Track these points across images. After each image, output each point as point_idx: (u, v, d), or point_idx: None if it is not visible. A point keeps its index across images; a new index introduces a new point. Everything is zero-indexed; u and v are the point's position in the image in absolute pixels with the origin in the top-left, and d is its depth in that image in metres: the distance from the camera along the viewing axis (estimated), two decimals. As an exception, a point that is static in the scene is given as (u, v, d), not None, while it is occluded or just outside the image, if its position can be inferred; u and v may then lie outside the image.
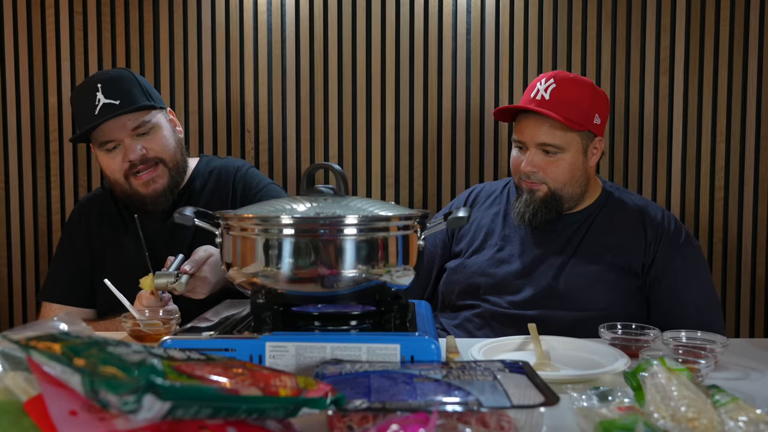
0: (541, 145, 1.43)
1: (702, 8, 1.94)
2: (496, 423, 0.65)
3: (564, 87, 1.43)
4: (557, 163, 1.43)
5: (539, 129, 1.42)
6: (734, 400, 0.72)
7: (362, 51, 1.99)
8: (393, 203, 1.06)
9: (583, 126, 1.42)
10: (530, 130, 1.43)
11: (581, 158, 1.45)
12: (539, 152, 1.43)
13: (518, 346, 1.09)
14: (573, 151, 1.43)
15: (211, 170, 1.63)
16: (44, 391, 0.56)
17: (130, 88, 1.47)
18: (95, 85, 1.45)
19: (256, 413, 0.58)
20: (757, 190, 1.97)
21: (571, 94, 1.42)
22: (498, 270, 1.48)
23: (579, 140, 1.44)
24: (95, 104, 1.43)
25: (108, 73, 1.51)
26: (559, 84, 1.43)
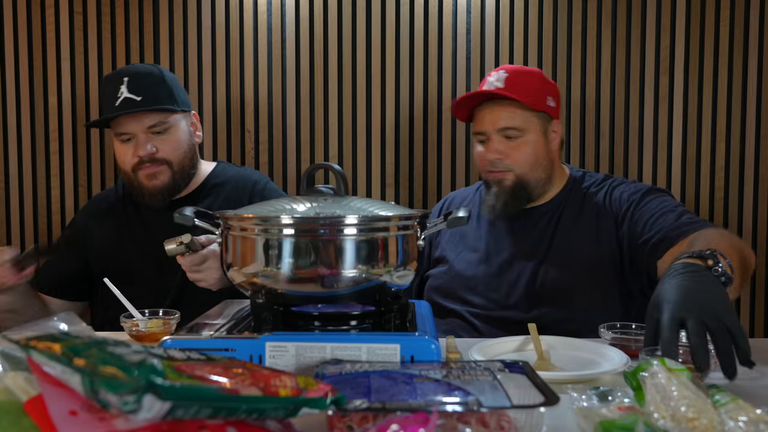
0: (502, 131, 1.45)
1: (702, 8, 1.94)
2: (496, 423, 0.65)
3: (515, 75, 1.47)
4: (520, 147, 1.45)
5: (498, 115, 1.45)
6: (734, 400, 0.72)
7: (362, 51, 1.99)
8: (393, 203, 1.06)
9: (538, 106, 1.45)
10: (489, 117, 1.46)
11: (542, 140, 1.48)
12: (501, 138, 1.45)
13: (518, 346, 1.09)
14: (534, 132, 1.46)
15: (227, 178, 1.65)
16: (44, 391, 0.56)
17: (155, 86, 1.50)
18: (122, 78, 1.49)
19: (256, 413, 0.58)
20: (757, 190, 1.97)
21: (522, 79, 1.46)
22: (477, 271, 1.49)
23: (537, 121, 1.46)
24: (117, 96, 1.47)
25: (137, 67, 1.55)
26: (510, 73, 1.47)
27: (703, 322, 0.83)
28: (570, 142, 1.99)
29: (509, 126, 1.44)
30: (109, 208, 1.64)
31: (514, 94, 1.42)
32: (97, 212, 1.64)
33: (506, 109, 1.44)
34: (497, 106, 1.45)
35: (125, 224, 1.61)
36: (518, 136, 1.45)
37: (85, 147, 2.01)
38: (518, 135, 1.45)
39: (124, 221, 1.61)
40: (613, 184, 1.50)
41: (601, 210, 1.46)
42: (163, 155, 1.50)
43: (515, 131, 1.44)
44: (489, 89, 1.45)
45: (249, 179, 1.67)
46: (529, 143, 1.45)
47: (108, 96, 1.49)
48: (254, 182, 1.65)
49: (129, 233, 1.60)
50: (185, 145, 1.55)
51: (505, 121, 1.44)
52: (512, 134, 1.44)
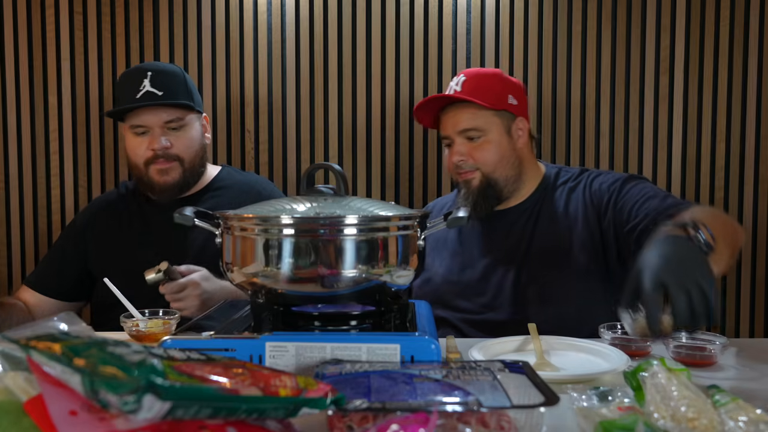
0: (464, 132, 1.47)
1: (702, 8, 1.94)
2: (496, 423, 0.65)
3: (473, 78, 1.49)
4: (483, 146, 1.47)
5: (458, 118, 1.48)
6: (734, 400, 0.72)
7: (362, 51, 1.99)
8: (393, 203, 1.06)
9: (498, 105, 1.47)
10: (450, 121, 1.49)
11: (506, 138, 1.49)
12: (464, 140, 1.48)
13: (518, 346, 1.09)
14: (495, 131, 1.48)
15: (233, 182, 1.68)
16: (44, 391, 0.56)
17: (176, 84, 1.55)
18: (145, 72, 1.53)
19: (256, 413, 0.58)
20: (757, 190, 1.97)
21: (481, 82, 1.48)
22: (462, 276, 1.49)
23: (499, 121, 1.48)
24: (139, 89, 1.51)
25: (159, 65, 1.60)
26: (468, 77, 1.49)
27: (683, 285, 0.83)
28: (570, 142, 1.98)
29: (469, 127, 1.47)
30: (110, 209, 1.65)
31: (470, 97, 1.45)
32: (98, 213, 1.65)
33: (466, 112, 1.47)
34: (457, 110, 1.49)
35: (126, 225, 1.61)
36: (480, 136, 1.47)
37: (85, 147, 2.01)
38: (479, 135, 1.47)
39: (126, 222, 1.62)
40: (591, 176, 1.51)
41: (581, 204, 1.46)
42: (176, 151, 1.54)
43: (476, 132, 1.47)
44: (447, 94, 1.49)
45: (254, 186, 1.69)
46: (491, 142, 1.47)
47: (129, 88, 1.53)
48: (258, 191, 1.67)
49: (129, 234, 1.60)
50: (197, 144, 1.59)
51: (465, 123, 1.47)
52: (474, 135, 1.47)
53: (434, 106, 1.53)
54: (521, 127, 1.51)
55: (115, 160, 2.02)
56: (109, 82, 2.00)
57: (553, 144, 1.99)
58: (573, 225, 1.45)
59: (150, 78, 1.52)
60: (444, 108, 1.52)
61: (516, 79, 1.57)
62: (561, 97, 1.98)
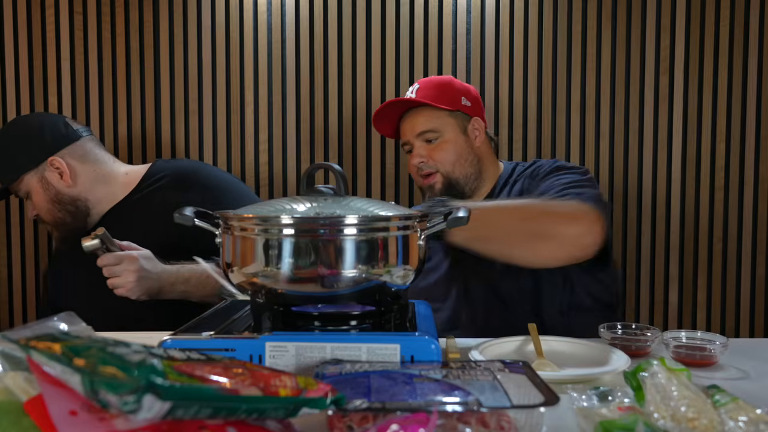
0: (421, 135, 1.53)
1: (702, 8, 1.94)
2: (496, 423, 0.65)
3: (427, 85, 1.57)
4: (440, 146, 1.53)
5: (414, 121, 1.54)
6: (734, 400, 0.72)
7: (362, 51, 1.99)
8: (393, 203, 1.06)
9: (452, 106, 1.53)
10: (407, 126, 1.56)
11: (462, 138, 1.54)
12: (422, 143, 1.54)
13: (518, 346, 1.09)
14: (451, 132, 1.53)
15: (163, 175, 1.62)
16: (44, 391, 0.56)
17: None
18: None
19: (256, 413, 0.58)
20: (757, 190, 1.97)
21: (434, 87, 1.55)
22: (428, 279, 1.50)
23: (454, 121, 1.54)
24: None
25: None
26: (422, 84, 1.57)
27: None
28: (570, 142, 1.99)
29: (426, 129, 1.52)
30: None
31: (424, 99, 1.52)
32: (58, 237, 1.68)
33: (422, 115, 1.54)
34: (413, 115, 1.55)
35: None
36: (437, 137, 1.53)
37: (85, 147, 2.01)
38: (437, 136, 1.53)
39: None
40: (534, 166, 1.52)
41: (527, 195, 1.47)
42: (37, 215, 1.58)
43: (433, 133, 1.52)
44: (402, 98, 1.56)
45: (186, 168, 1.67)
46: (449, 142, 1.52)
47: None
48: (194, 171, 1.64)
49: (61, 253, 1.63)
50: (46, 200, 1.55)
51: (421, 125, 1.53)
52: (431, 137, 1.53)
53: (393, 116, 1.60)
54: (477, 127, 1.56)
55: (115, 160, 2.02)
56: (109, 82, 2.00)
57: (553, 144, 1.99)
58: None
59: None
60: (402, 116, 1.59)
61: (469, 84, 1.65)
62: (561, 97, 1.98)
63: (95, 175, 1.57)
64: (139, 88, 2.01)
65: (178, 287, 1.39)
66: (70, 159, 1.54)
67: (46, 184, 1.54)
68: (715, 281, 2.00)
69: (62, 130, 1.55)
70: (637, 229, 2.00)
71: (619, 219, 2.00)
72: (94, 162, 1.58)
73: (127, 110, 2.01)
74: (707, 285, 2.00)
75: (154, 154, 2.01)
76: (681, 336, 1.07)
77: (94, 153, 1.59)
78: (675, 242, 2.00)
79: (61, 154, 1.54)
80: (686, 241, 2.00)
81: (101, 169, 1.59)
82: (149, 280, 1.32)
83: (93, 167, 1.57)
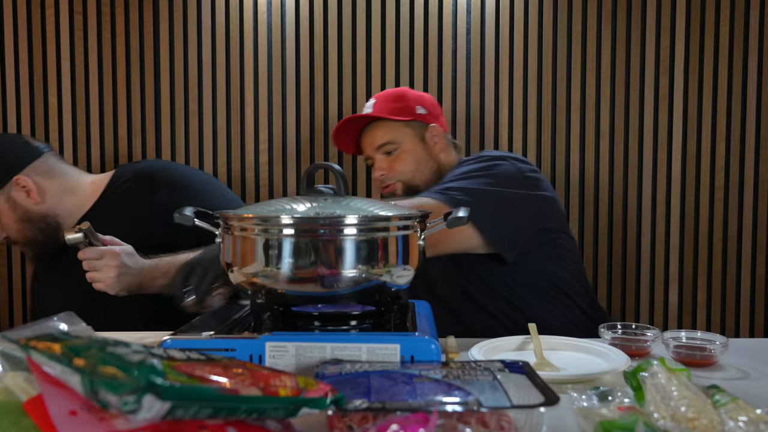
0: (380, 148, 1.58)
1: (702, 8, 1.94)
2: (496, 423, 0.65)
3: (382, 99, 1.61)
4: (399, 157, 1.57)
5: (373, 136, 1.60)
6: (734, 400, 0.72)
7: (362, 51, 1.99)
8: (393, 203, 1.06)
9: (408, 116, 1.57)
10: (367, 141, 1.62)
11: (421, 146, 1.58)
12: (382, 156, 1.59)
13: (518, 346, 1.09)
14: (408, 142, 1.57)
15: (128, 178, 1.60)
16: (44, 391, 0.56)
17: None
18: None
19: (256, 413, 0.58)
20: (757, 190, 1.97)
21: (388, 100, 1.60)
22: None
23: (410, 131, 1.58)
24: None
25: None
26: (378, 99, 1.62)
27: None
28: (570, 142, 1.99)
29: (384, 141, 1.57)
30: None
31: (379, 113, 1.56)
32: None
33: (379, 129, 1.59)
34: (371, 129, 1.60)
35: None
36: (395, 149, 1.57)
37: (85, 147, 2.01)
38: (395, 148, 1.57)
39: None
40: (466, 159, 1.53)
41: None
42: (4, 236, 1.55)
43: (391, 145, 1.57)
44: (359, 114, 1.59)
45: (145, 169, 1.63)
46: (407, 152, 1.57)
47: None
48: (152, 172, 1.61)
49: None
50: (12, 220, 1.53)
51: (380, 138, 1.58)
52: (390, 149, 1.57)
53: (353, 132, 1.65)
54: (435, 134, 1.59)
55: (115, 160, 2.02)
56: (109, 82, 2.00)
57: (553, 144, 1.99)
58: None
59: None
60: (361, 132, 1.64)
61: (424, 93, 1.69)
62: (561, 97, 1.98)
63: (62, 189, 1.56)
64: (139, 88, 2.01)
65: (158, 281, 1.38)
66: (36, 176, 1.52)
67: (14, 204, 1.51)
68: (715, 281, 2.00)
69: (23, 148, 1.54)
70: (637, 229, 2.00)
71: (619, 219, 2.00)
72: (59, 175, 1.56)
73: (127, 110, 2.01)
74: (707, 285, 2.00)
75: (154, 154, 2.01)
76: (681, 336, 1.07)
77: (58, 167, 1.57)
78: (675, 242, 2.00)
79: (26, 172, 1.51)
80: (686, 241, 2.00)
81: (67, 182, 1.57)
82: (129, 276, 1.31)
83: (59, 181, 1.56)
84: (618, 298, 2.02)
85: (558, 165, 1.99)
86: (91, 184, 1.61)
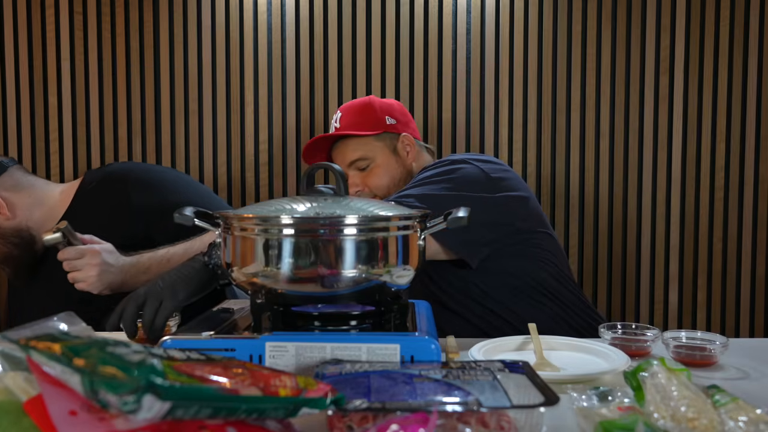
0: (352, 164, 1.55)
1: (702, 8, 1.95)
2: (496, 423, 0.65)
3: (348, 112, 1.58)
4: (372, 172, 1.54)
5: (344, 152, 1.56)
6: (734, 400, 0.72)
7: (362, 51, 1.99)
8: (393, 203, 1.06)
9: (376, 129, 1.54)
10: (338, 158, 1.58)
11: (393, 158, 1.55)
12: (356, 171, 1.56)
13: (518, 346, 1.09)
14: (380, 155, 1.54)
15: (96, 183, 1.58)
16: (44, 391, 0.56)
17: None
18: None
19: (256, 413, 0.58)
20: (757, 190, 1.97)
21: (355, 113, 1.57)
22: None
23: (381, 144, 1.55)
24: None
25: None
26: (344, 112, 1.58)
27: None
28: (570, 141, 1.99)
29: (355, 158, 1.54)
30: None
31: (347, 130, 1.53)
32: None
33: (348, 145, 1.55)
34: (341, 146, 1.57)
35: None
36: (368, 164, 1.54)
37: (85, 147, 2.01)
38: (367, 163, 1.54)
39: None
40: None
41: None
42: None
43: (363, 161, 1.54)
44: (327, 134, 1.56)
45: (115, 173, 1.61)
46: (380, 166, 1.54)
47: None
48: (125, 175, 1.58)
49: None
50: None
51: (350, 155, 1.55)
52: (362, 165, 1.55)
53: (324, 148, 1.60)
54: (407, 143, 1.57)
55: (115, 160, 2.02)
56: (109, 82, 2.00)
57: (553, 144, 1.99)
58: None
59: None
60: (332, 148, 1.60)
61: (391, 99, 1.66)
62: (561, 97, 1.98)
63: (31, 201, 1.54)
64: (139, 88, 2.01)
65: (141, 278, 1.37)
66: (3, 191, 1.50)
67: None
68: (715, 281, 2.00)
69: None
70: (637, 229, 2.00)
71: (619, 219, 2.00)
72: (27, 188, 1.55)
73: (127, 110, 2.01)
74: (707, 285, 2.00)
75: (154, 154, 2.01)
76: (681, 336, 1.07)
77: (25, 179, 1.56)
78: (675, 242, 2.00)
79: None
80: (686, 241, 2.00)
81: (36, 194, 1.55)
82: (111, 274, 1.30)
83: (27, 193, 1.54)
84: (618, 298, 2.02)
85: (558, 165, 1.99)
86: (60, 193, 1.59)
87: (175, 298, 1.04)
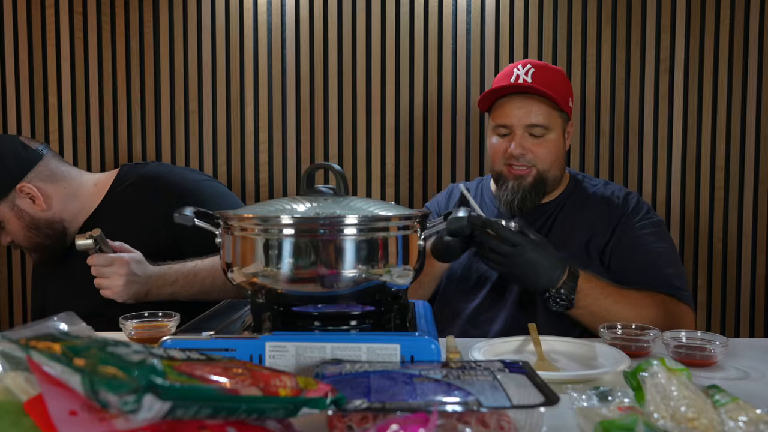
0: (529, 127, 1.41)
1: (702, 8, 1.94)
2: (496, 423, 0.65)
3: (542, 71, 1.43)
4: (545, 144, 1.43)
5: (528, 111, 1.41)
6: (734, 400, 0.72)
7: (362, 51, 1.99)
8: (393, 203, 1.06)
9: (563, 105, 1.43)
10: (517, 112, 1.41)
11: (561, 139, 1.46)
12: (527, 135, 1.42)
13: (518, 346, 1.09)
14: (557, 131, 1.44)
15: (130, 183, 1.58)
16: (44, 391, 0.56)
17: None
18: None
19: (256, 413, 0.58)
20: (757, 190, 1.97)
21: (550, 77, 1.43)
22: (480, 265, 1.47)
23: (560, 121, 1.45)
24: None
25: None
26: (537, 68, 1.42)
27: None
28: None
29: (538, 123, 1.41)
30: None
31: (547, 90, 1.38)
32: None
33: (536, 106, 1.41)
34: (527, 101, 1.41)
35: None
36: (543, 134, 1.42)
37: (85, 147, 2.01)
38: (543, 133, 1.42)
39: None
40: (612, 195, 1.50)
41: (600, 218, 1.45)
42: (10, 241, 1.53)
43: (541, 129, 1.41)
44: (516, 83, 1.41)
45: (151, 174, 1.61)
46: (552, 141, 1.43)
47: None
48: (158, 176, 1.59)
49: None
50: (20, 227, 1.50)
51: (534, 118, 1.41)
52: (538, 132, 1.42)
53: (497, 92, 1.44)
54: (569, 130, 1.50)
55: (115, 160, 2.02)
56: (109, 82, 2.00)
57: (553, 144, 1.99)
58: (586, 227, 1.44)
59: None
60: (506, 94, 1.44)
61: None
62: (561, 97, 1.98)
63: (66, 193, 1.53)
64: (139, 88, 2.01)
65: (166, 289, 1.37)
66: (39, 182, 1.48)
67: (20, 212, 1.48)
68: (715, 281, 2.00)
69: (23, 152, 1.49)
70: (637, 229, 2.00)
71: (619, 219, 2.00)
72: (62, 179, 1.53)
73: (127, 110, 2.01)
74: (707, 285, 2.00)
75: (154, 154, 2.01)
76: (681, 336, 1.07)
77: (60, 170, 1.54)
78: (675, 242, 2.00)
79: (29, 179, 1.47)
80: (686, 241, 2.00)
81: (71, 185, 1.54)
82: (137, 284, 1.30)
83: (63, 185, 1.52)
84: (618, 298, 2.02)
85: (558, 165, 1.99)
86: (94, 185, 1.59)
87: None
